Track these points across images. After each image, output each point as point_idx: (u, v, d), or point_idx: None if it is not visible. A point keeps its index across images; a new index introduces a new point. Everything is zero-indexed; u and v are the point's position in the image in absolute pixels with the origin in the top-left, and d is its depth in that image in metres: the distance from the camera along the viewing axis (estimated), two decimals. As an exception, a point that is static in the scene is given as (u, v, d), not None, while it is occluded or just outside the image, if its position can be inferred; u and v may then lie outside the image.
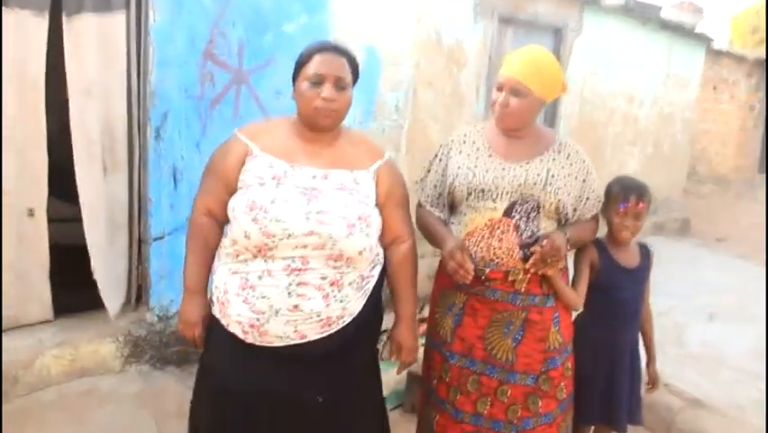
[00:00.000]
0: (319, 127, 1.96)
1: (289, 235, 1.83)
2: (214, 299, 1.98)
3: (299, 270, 1.86)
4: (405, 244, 2.15)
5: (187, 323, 2.06)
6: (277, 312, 1.85)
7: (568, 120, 6.06)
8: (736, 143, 12.43)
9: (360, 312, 2.00)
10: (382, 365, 3.56)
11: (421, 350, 2.49)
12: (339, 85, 1.91)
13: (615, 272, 2.50)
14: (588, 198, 2.38)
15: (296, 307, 1.85)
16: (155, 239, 3.45)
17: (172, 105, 3.36)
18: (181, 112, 3.39)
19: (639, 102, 6.97)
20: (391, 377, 3.56)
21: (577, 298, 2.42)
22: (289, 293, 1.85)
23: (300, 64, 1.93)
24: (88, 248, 3.24)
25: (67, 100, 3.10)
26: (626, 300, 2.53)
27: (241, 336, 1.90)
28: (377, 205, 2.05)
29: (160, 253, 3.47)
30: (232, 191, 1.94)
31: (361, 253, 1.93)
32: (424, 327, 2.58)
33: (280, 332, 1.88)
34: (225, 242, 1.96)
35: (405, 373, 3.51)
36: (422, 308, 4.80)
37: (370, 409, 2.19)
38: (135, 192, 3.42)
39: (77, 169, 3.16)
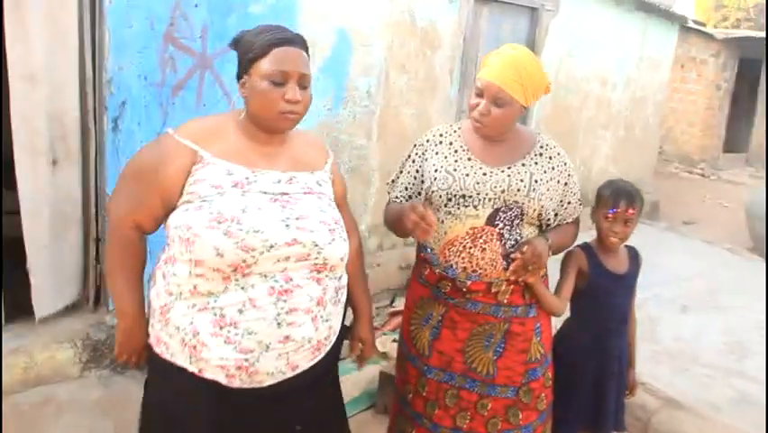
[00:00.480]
0: (278, 131, 1.77)
1: (271, 247, 1.61)
2: (175, 343, 1.68)
3: (285, 292, 1.66)
4: (354, 240, 2.01)
5: (134, 350, 1.84)
6: (267, 347, 1.65)
7: (542, 105, 5.95)
8: (702, 123, 12.52)
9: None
10: (351, 366, 3.44)
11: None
12: (302, 83, 1.71)
13: (604, 278, 2.41)
14: (569, 203, 2.29)
15: (287, 337, 1.66)
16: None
17: (131, 94, 3.13)
18: (141, 100, 3.17)
19: (612, 85, 6.90)
20: (363, 377, 3.47)
21: (559, 303, 2.35)
22: (279, 324, 1.64)
23: (253, 58, 1.68)
24: (25, 244, 3.01)
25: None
26: (616, 306, 2.46)
27: (224, 381, 1.66)
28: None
29: (118, 250, 3.26)
30: (169, 206, 1.69)
31: (342, 259, 1.78)
32: (396, 320, 2.46)
33: (272, 368, 1.68)
34: (176, 269, 1.67)
35: (377, 372, 3.43)
36: (393, 301, 4.71)
37: (338, 423, 2.07)
38: (92, 187, 3.20)
39: (16, 160, 2.92)
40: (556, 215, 2.26)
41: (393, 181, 2.35)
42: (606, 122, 7.00)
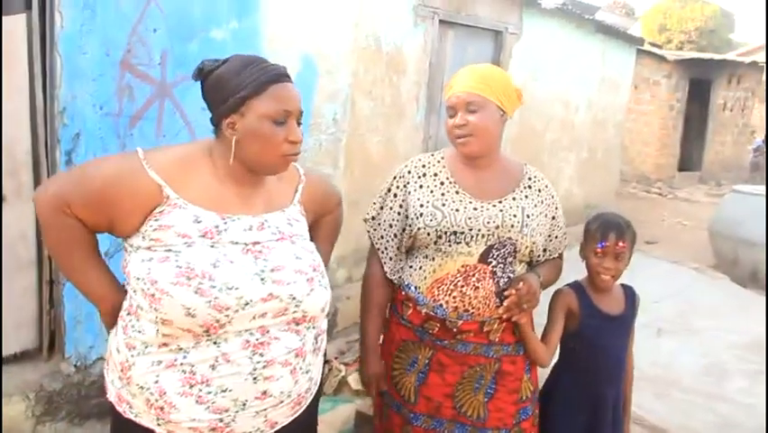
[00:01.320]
0: (272, 174, 1.63)
1: (246, 304, 1.46)
2: (139, 402, 1.52)
3: (261, 344, 1.51)
4: (336, 211, 1.98)
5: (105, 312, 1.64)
6: (244, 405, 1.51)
7: (508, 128, 5.88)
8: (657, 143, 12.76)
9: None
10: (328, 402, 3.24)
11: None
12: (299, 120, 1.58)
13: (597, 320, 2.24)
14: (556, 237, 2.20)
15: (265, 393, 1.53)
16: (68, 278, 3.02)
17: (85, 125, 2.92)
18: (96, 132, 2.96)
19: (575, 107, 6.95)
20: (338, 417, 3.30)
21: (546, 352, 2.20)
22: (255, 379, 1.50)
23: (246, 96, 1.50)
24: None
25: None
26: (610, 350, 2.27)
27: None
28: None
29: (74, 294, 3.01)
30: (117, 232, 1.54)
31: (323, 309, 1.63)
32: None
33: (249, 427, 1.54)
34: (141, 325, 1.50)
35: (353, 411, 3.26)
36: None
37: None
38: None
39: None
40: (545, 250, 2.17)
41: (373, 218, 2.16)
42: (569, 144, 7.03)
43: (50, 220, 1.55)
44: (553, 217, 2.16)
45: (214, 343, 1.47)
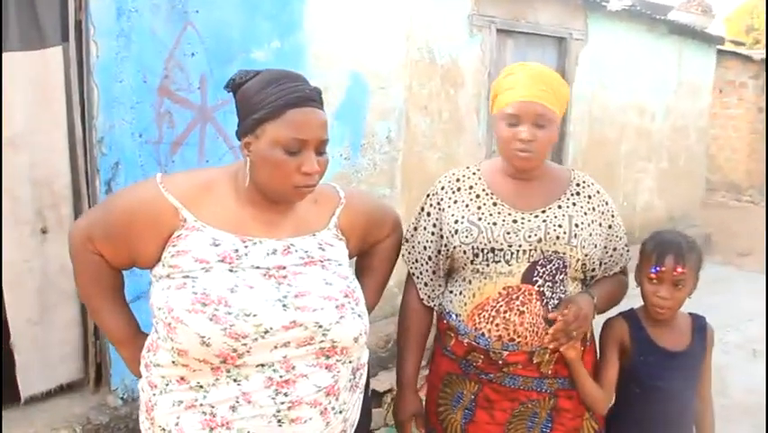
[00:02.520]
0: (288, 203, 1.50)
1: (266, 332, 1.35)
2: None
3: (286, 382, 1.37)
4: (395, 235, 1.89)
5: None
6: None
7: (577, 140, 5.62)
8: (746, 148, 11.97)
9: (359, 418, 1.59)
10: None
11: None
12: (320, 149, 1.44)
13: (653, 357, 1.91)
14: (614, 249, 1.93)
15: None
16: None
17: (124, 153, 2.87)
18: (135, 160, 2.91)
19: (651, 115, 6.55)
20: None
21: (602, 395, 1.89)
22: (280, 421, 1.38)
23: (261, 119, 1.40)
24: (8, 320, 2.75)
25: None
26: (669, 394, 1.91)
27: None
28: (350, 258, 1.64)
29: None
30: (141, 265, 1.49)
31: (356, 339, 1.47)
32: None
33: None
34: (159, 358, 1.43)
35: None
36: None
37: None
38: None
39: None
40: (601, 264, 1.90)
41: (407, 240, 1.96)
42: (647, 153, 6.62)
43: (77, 257, 1.54)
44: (610, 226, 1.90)
45: (235, 380, 1.36)
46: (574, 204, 1.84)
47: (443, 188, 1.91)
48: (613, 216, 1.92)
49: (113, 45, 2.79)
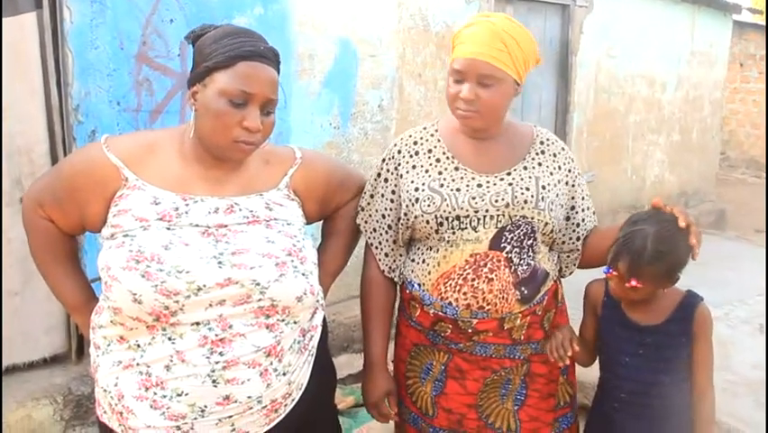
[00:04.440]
0: (228, 161, 1.46)
1: (199, 289, 1.33)
2: (106, 406, 1.45)
3: (221, 341, 1.34)
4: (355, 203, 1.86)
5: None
6: (203, 411, 1.36)
7: (582, 111, 5.47)
8: (768, 123, 11.68)
9: (309, 382, 1.54)
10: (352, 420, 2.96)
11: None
12: (267, 108, 1.41)
13: (618, 327, 1.79)
14: (584, 210, 1.84)
15: (227, 398, 1.37)
16: (92, 280, 2.91)
17: (101, 121, 2.83)
18: (114, 128, 2.86)
19: (662, 85, 6.36)
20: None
21: (582, 349, 1.82)
22: (215, 381, 1.35)
23: (211, 67, 1.38)
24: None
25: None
26: (630, 372, 1.77)
27: None
28: (309, 221, 1.63)
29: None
30: (90, 227, 1.50)
31: (299, 299, 1.43)
32: None
33: None
34: (101, 319, 1.44)
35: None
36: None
37: None
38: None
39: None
40: (578, 225, 1.83)
41: (363, 208, 1.86)
42: (657, 125, 6.45)
43: (29, 223, 1.56)
44: (573, 185, 1.81)
45: (169, 339, 1.35)
46: (540, 164, 1.77)
47: (399, 152, 1.81)
48: (578, 174, 1.84)
49: (87, 11, 2.74)
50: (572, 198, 1.82)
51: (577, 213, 1.83)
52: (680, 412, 1.77)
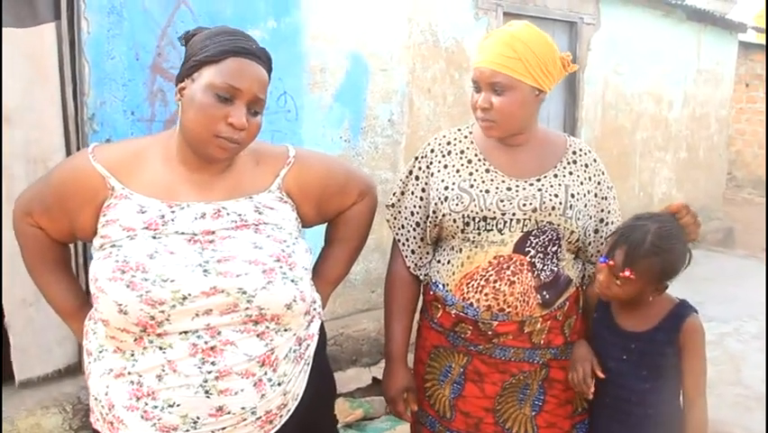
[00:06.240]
0: (210, 159, 1.41)
1: (184, 298, 1.29)
2: (97, 414, 1.42)
3: (212, 350, 1.31)
4: (365, 201, 1.73)
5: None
6: (195, 423, 1.32)
7: (590, 127, 5.49)
8: (774, 144, 11.67)
9: (306, 392, 1.48)
10: (387, 421, 2.94)
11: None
12: (254, 108, 1.38)
13: (604, 330, 1.79)
14: (612, 223, 1.83)
15: (220, 409, 1.33)
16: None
17: (116, 131, 2.86)
18: (127, 137, 2.89)
19: (669, 103, 6.38)
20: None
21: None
22: (207, 392, 1.31)
23: (201, 61, 1.36)
24: (2, 300, 2.75)
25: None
26: (620, 377, 1.75)
27: None
28: (307, 225, 1.58)
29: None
30: (82, 237, 1.48)
31: (289, 306, 1.38)
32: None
33: None
34: (97, 327, 1.42)
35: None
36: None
37: None
38: (82, 235, 2.93)
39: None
40: (596, 239, 1.82)
41: (393, 206, 1.90)
42: (664, 143, 6.46)
43: (19, 231, 1.53)
44: (605, 198, 1.82)
45: (160, 348, 1.31)
46: (570, 173, 1.78)
47: (432, 151, 1.83)
48: (609, 187, 1.84)
49: (104, 22, 2.79)
50: (602, 210, 1.82)
51: (607, 225, 1.82)
52: (664, 421, 1.75)
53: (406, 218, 1.86)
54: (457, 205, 1.72)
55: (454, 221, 1.72)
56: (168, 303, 1.28)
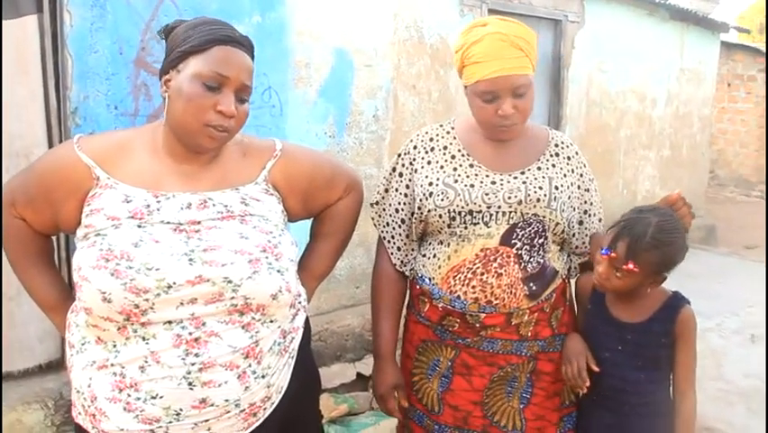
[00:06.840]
0: (199, 149, 1.40)
1: (169, 287, 1.28)
2: (79, 407, 1.40)
3: (196, 341, 1.30)
4: (351, 196, 1.73)
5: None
6: (178, 415, 1.31)
7: (574, 124, 5.52)
8: (756, 143, 11.79)
9: (290, 385, 1.48)
10: (372, 417, 2.95)
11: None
12: (241, 95, 1.38)
13: (599, 321, 1.80)
14: (595, 215, 1.85)
15: (203, 401, 1.32)
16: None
17: (99, 125, 2.85)
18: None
19: (652, 101, 6.43)
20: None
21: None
22: (191, 384, 1.30)
23: (186, 52, 1.35)
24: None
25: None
26: (607, 368, 1.76)
27: None
28: (293, 219, 1.57)
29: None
30: (64, 228, 1.46)
31: (274, 297, 1.38)
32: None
33: None
34: (77, 318, 1.40)
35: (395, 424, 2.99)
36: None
37: None
38: (63, 230, 2.90)
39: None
40: (581, 222, 1.84)
41: (377, 203, 1.90)
42: (648, 141, 6.51)
43: (2, 223, 1.50)
44: (587, 190, 1.83)
45: (143, 339, 1.30)
46: (553, 165, 1.78)
47: (415, 148, 1.83)
48: (591, 179, 1.86)
49: (87, 15, 2.77)
50: (585, 201, 1.83)
51: (590, 217, 1.84)
52: (658, 411, 1.77)
53: (390, 215, 1.86)
54: (442, 200, 1.72)
55: (440, 216, 1.72)
56: (152, 291, 1.27)
